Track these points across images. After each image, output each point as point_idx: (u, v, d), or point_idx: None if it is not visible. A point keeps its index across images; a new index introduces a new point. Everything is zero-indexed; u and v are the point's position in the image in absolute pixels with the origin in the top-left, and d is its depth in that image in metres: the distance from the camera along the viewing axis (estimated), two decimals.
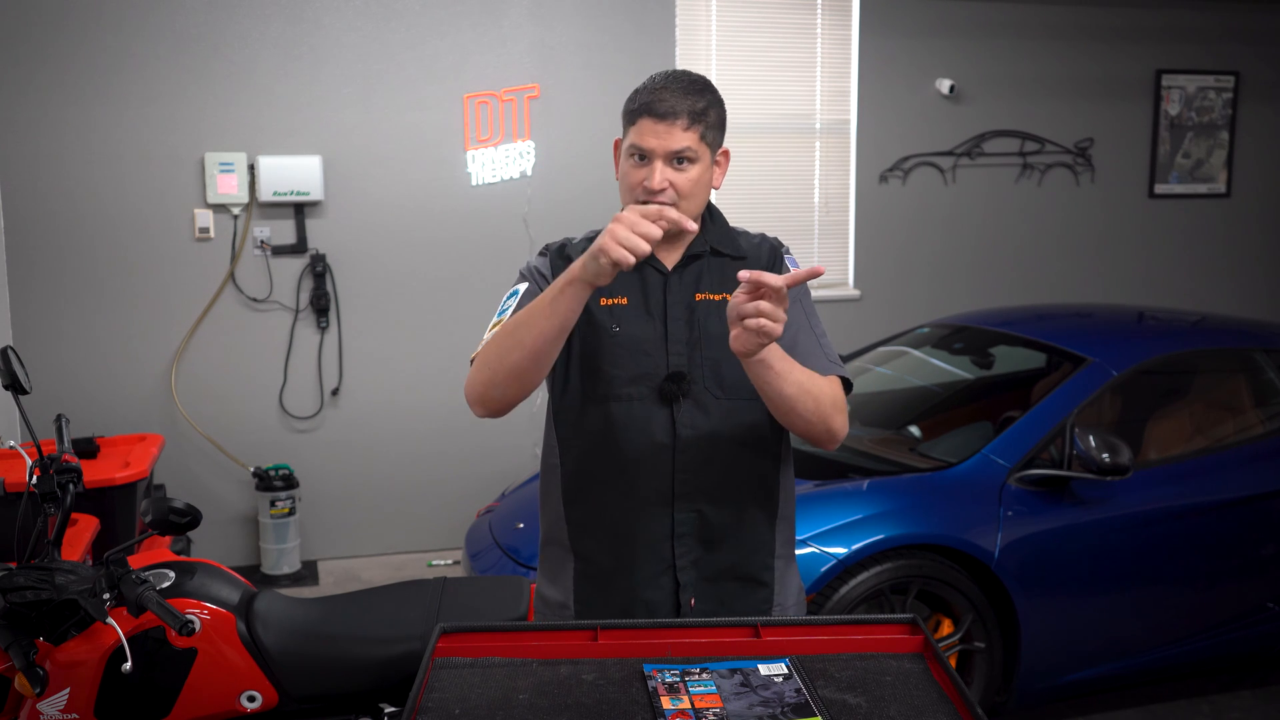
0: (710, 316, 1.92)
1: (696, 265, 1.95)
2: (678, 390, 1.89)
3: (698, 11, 5.59)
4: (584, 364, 1.93)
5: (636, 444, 1.90)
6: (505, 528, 3.81)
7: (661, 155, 1.84)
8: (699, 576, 1.93)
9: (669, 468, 1.89)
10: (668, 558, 1.91)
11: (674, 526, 1.91)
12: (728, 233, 2.01)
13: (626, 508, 1.92)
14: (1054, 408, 3.62)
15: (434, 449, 5.34)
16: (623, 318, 1.92)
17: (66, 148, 4.81)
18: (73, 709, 2.20)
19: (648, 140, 1.84)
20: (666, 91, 1.84)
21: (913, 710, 1.49)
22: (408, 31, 5.13)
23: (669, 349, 1.90)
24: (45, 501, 2.23)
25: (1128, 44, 6.25)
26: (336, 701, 2.37)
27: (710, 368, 1.91)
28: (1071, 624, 3.51)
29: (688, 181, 1.85)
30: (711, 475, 1.91)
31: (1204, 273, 6.62)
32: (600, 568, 1.95)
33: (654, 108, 1.83)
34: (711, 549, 1.93)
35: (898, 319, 5.73)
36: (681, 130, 1.83)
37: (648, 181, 1.84)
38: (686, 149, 1.83)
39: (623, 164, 1.90)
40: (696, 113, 1.84)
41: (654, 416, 1.90)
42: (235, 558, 5.15)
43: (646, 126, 1.84)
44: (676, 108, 1.83)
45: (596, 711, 1.48)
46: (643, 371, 1.90)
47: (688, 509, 1.91)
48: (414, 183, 5.21)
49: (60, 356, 4.88)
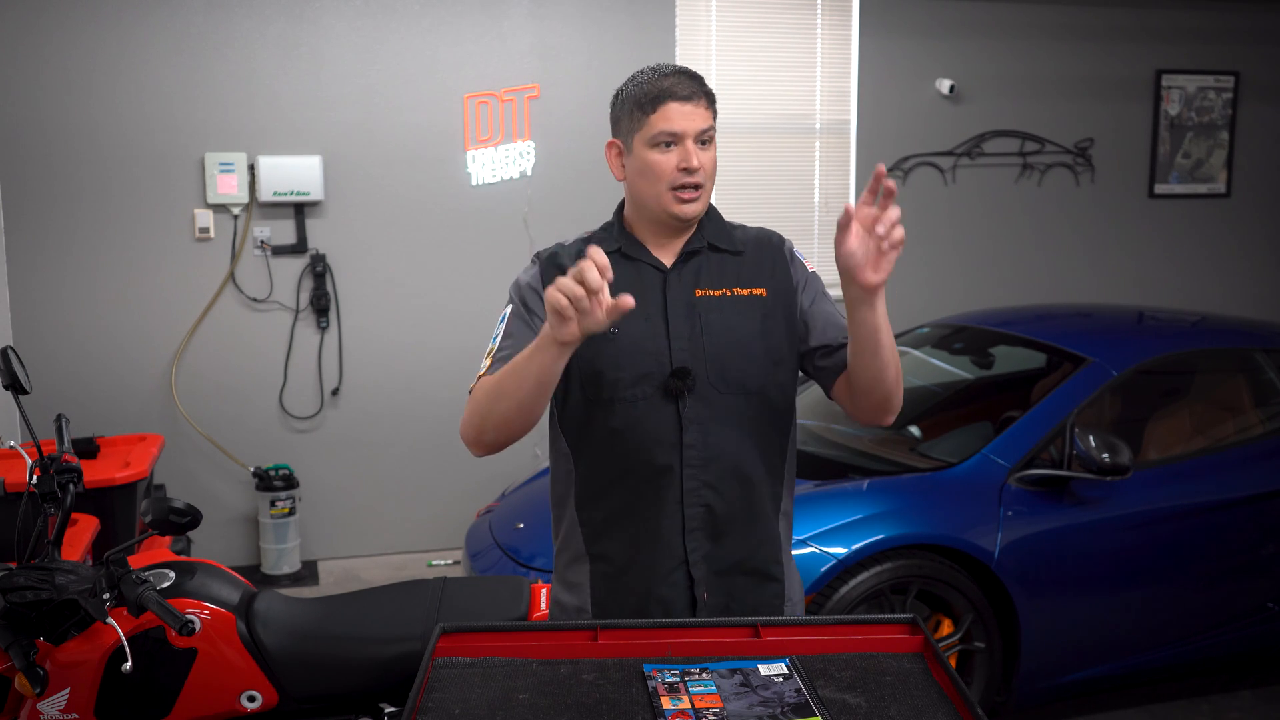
0: (711, 312, 1.93)
1: (695, 261, 1.96)
2: (683, 386, 1.89)
3: (698, 11, 5.59)
4: (584, 371, 1.92)
5: (645, 443, 1.90)
6: (505, 528, 3.81)
7: (692, 135, 1.87)
8: (709, 571, 1.93)
9: (677, 464, 1.90)
10: (680, 553, 1.92)
11: (684, 521, 1.91)
12: (724, 227, 2.01)
13: (640, 507, 1.92)
14: (1054, 408, 3.62)
15: (434, 449, 5.34)
16: (621, 319, 1.89)
17: (67, 147, 4.81)
18: (73, 709, 2.20)
19: (678, 123, 1.86)
20: (678, 77, 1.88)
21: (913, 710, 1.49)
22: (408, 31, 5.13)
23: (671, 345, 1.90)
24: (45, 501, 2.23)
25: (1128, 44, 6.25)
26: (336, 701, 2.37)
27: (714, 363, 1.91)
28: (1071, 624, 3.51)
29: (711, 162, 1.90)
30: (717, 470, 1.91)
31: (1204, 273, 6.62)
32: (617, 567, 1.94)
33: (676, 91, 1.86)
34: (720, 543, 1.93)
35: (898, 319, 5.70)
36: (704, 110, 1.88)
37: (685, 162, 1.86)
38: (709, 129, 1.89)
39: (647, 156, 1.88)
40: (708, 94, 1.91)
41: (660, 414, 1.90)
42: (235, 558, 5.15)
43: (674, 110, 1.86)
44: (694, 91, 1.88)
45: (596, 711, 1.48)
46: (645, 371, 1.90)
47: (696, 504, 1.91)
48: (414, 183, 5.21)
49: (60, 356, 4.88)
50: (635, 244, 1.97)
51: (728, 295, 1.94)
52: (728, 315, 1.93)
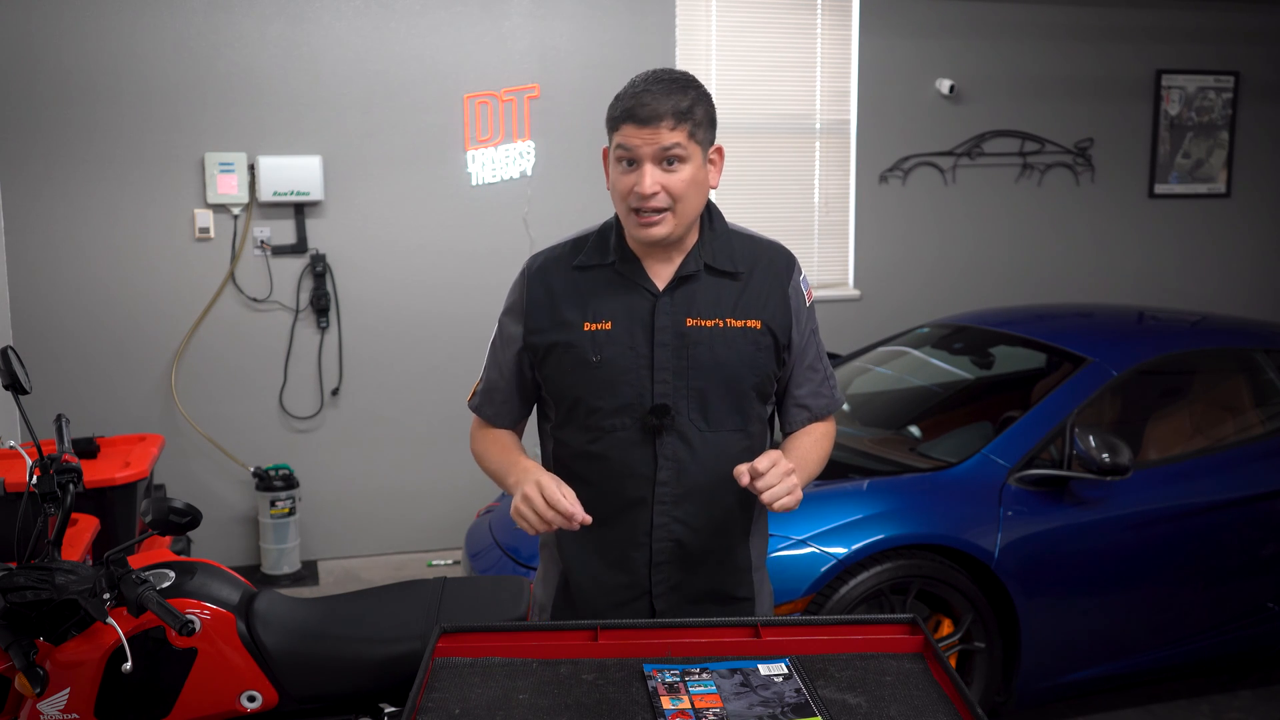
0: (700, 345, 1.85)
1: (689, 287, 1.87)
2: (660, 424, 1.84)
3: (698, 11, 5.59)
4: (563, 396, 1.89)
5: (619, 474, 1.87)
6: (505, 528, 3.81)
7: (650, 157, 1.75)
8: (680, 599, 1.91)
9: (648, 500, 1.86)
10: (644, 584, 1.90)
11: (652, 554, 1.89)
12: (726, 244, 1.91)
13: (608, 535, 1.89)
14: (1054, 408, 3.62)
15: (434, 449, 5.34)
16: (605, 344, 1.85)
17: (67, 147, 4.81)
18: (73, 709, 2.20)
19: (632, 140, 1.75)
20: (648, 94, 1.75)
21: (913, 710, 1.49)
22: (408, 31, 5.13)
23: (654, 377, 1.84)
24: (45, 501, 2.23)
25: (1128, 44, 6.25)
26: (336, 701, 2.37)
27: (696, 399, 1.85)
28: (1071, 624, 3.51)
29: (680, 183, 1.77)
30: (690, 507, 1.87)
31: (1204, 273, 6.62)
32: (582, 583, 1.94)
33: (636, 112, 1.75)
34: (691, 572, 1.91)
35: (898, 319, 5.73)
36: (669, 130, 1.74)
37: (638, 186, 1.76)
38: (675, 145, 1.75)
39: (612, 171, 1.82)
40: (682, 111, 1.75)
41: (636, 448, 1.86)
42: (235, 558, 5.15)
43: (629, 131, 1.76)
44: (660, 110, 1.74)
45: (596, 711, 1.48)
46: (625, 403, 1.85)
47: (666, 538, 1.88)
48: (414, 183, 5.21)
49: (60, 356, 4.88)
50: (630, 260, 1.88)
51: (720, 326, 1.86)
52: (717, 349, 1.85)
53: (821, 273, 5.99)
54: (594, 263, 1.90)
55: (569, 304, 1.88)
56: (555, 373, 1.89)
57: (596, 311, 1.86)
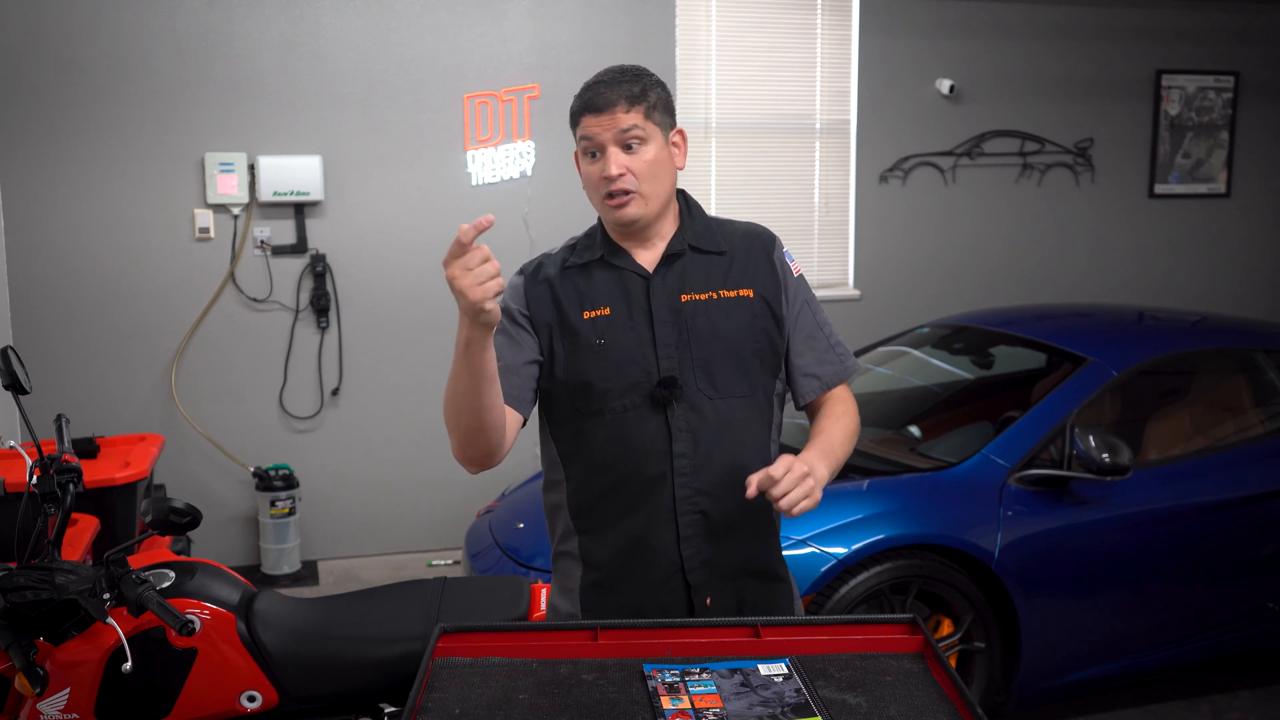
0: (698, 316, 1.91)
1: (678, 265, 1.93)
2: (670, 395, 1.87)
3: (698, 11, 5.59)
4: (573, 383, 1.91)
5: (635, 454, 1.88)
6: (505, 528, 3.81)
7: (611, 141, 1.87)
8: (714, 575, 1.91)
9: (668, 474, 1.88)
10: (675, 561, 1.90)
11: (679, 530, 1.89)
12: (707, 227, 1.99)
13: (632, 518, 1.90)
14: (1054, 408, 3.62)
15: (434, 449, 5.33)
16: (606, 329, 1.90)
17: (67, 147, 4.81)
18: (73, 709, 2.20)
19: (592, 129, 1.88)
20: (601, 84, 1.90)
21: (913, 710, 1.49)
22: (408, 31, 5.13)
23: (658, 353, 1.89)
24: (45, 501, 2.23)
25: (1128, 44, 6.25)
26: (336, 701, 2.37)
27: (701, 368, 1.89)
28: (1071, 624, 3.51)
29: (643, 164, 1.87)
30: (710, 476, 1.89)
31: (1204, 273, 6.62)
32: (610, 577, 1.93)
33: (592, 102, 1.89)
34: (721, 547, 1.91)
35: (898, 319, 5.73)
36: (624, 112, 1.86)
37: (604, 171, 1.87)
38: (634, 127, 1.86)
39: (582, 165, 1.93)
40: (635, 95, 1.88)
41: (649, 424, 1.88)
42: (235, 558, 5.15)
43: (589, 121, 1.89)
44: (612, 97, 1.87)
45: (596, 711, 1.48)
46: (633, 381, 1.88)
47: (691, 511, 1.89)
48: (414, 183, 5.21)
49: (60, 356, 4.88)
50: (617, 250, 1.95)
51: (714, 298, 1.92)
52: (715, 318, 1.91)
53: (821, 273, 5.98)
54: (583, 260, 1.97)
55: (566, 299, 1.94)
56: (562, 357, 1.92)
57: (593, 301, 1.92)
